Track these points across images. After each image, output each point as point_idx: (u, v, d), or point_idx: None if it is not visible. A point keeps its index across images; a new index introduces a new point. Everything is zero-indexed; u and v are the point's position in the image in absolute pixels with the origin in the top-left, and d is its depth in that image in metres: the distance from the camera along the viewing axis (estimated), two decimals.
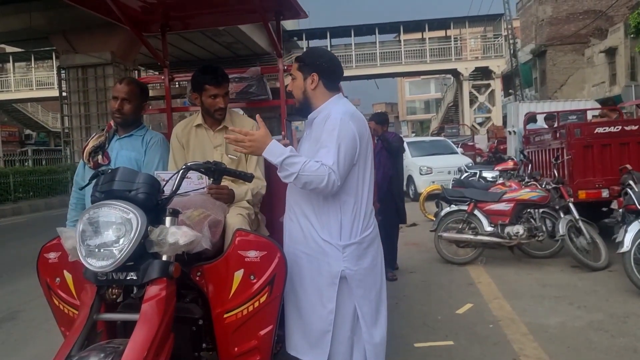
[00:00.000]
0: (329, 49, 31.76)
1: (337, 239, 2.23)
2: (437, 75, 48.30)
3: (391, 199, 5.47)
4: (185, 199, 2.27)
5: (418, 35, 33.73)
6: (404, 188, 11.67)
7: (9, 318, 4.81)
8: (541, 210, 5.97)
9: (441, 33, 33.29)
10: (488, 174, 10.30)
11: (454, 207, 6.16)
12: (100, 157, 2.91)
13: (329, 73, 2.31)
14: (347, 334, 2.26)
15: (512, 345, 3.57)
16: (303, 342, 2.30)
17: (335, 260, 2.22)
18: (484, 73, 32.16)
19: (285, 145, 2.22)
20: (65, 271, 2.21)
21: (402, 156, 5.94)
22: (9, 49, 29.76)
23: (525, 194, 5.94)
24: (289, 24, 29.05)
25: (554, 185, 6.01)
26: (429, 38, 32.31)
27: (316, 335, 2.26)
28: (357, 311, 2.26)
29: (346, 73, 31.16)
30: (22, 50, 28.41)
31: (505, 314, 4.22)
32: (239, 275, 2.06)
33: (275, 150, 2.10)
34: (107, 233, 1.82)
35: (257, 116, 2.29)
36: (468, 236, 5.94)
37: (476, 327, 3.95)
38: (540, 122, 10.58)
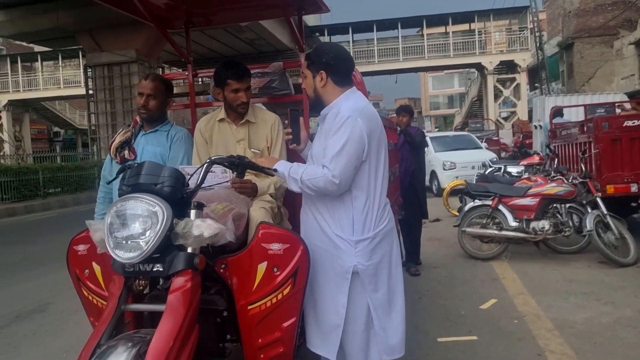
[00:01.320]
0: (350, 44, 31.76)
1: (349, 234, 2.24)
2: (461, 70, 47.71)
3: (414, 193, 5.45)
4: (210, 193, 2.31)
5: (441, 29, 33.34)
6: (427, 183, 11.64)
7: (39, 310, 4.94)
8: (568, 205, 5.87)
9: (465, 27, 32.86)
10: (513, 169, 10.16)
11: (477, 202, 6.11)
12: (126, 152, 2.97)
13: (337, 69, 2.29)
14: (360, 328, 2.26)
15: (537, 340, 3.53)
16: (318, 336, 2.32)
17: (347, 255, 2.23)
18: (509, 67, 31.66)
19: (303, 138, 2.37)
20: (94, 263, 2.26)
21: (424, 150, 5.91)
22: (38, 48, 30.44)
23: (551, 188, 5.85)
24: (310, 20, 29.02)
25: (581, 180, 5.90)
26: (453, 32, 31.90)
27: (327, 329, 2.27)
28: (370, 306, 2.26)
29: (368, 68, 31.20)
30: (50, 49, 29.02)
31: (530, 309, 4.17)
32: (262, 267, 2.09)
33: (282, 165, 2.29)
34: (134, 225, 1.87)
35: (301, 119, 2.43)
36: (492, 231, 5.88)
37: (500, 322, 3.92)
38: (567, 116, 10.39)
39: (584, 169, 6.10)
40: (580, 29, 27.20)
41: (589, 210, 5.64)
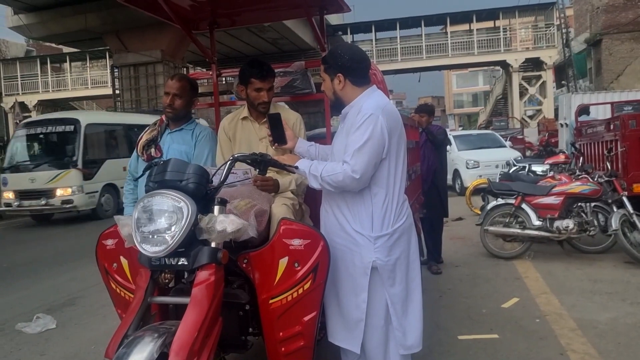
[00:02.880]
0: (373, 42, 31.65)
1: (368, 230, 2.27)
2: (486, 67, 47.12)
3: (436, 192, 5.45)
4: (233, 189, 2.37)
5: (465, 27, 32.95)
6: (450, 182, 11.56)
7: (68, 303, 5.09)
8: (593, 204, 5.78)
9: (489, 24, 32.42)
10: (538, 168, 10.04)
11: (500, 201, 6.06)
12: (153, 150, 3.06)
13: (353, 71, 2.32)
14: (380, 322, 2.31)
15: (559, 340, 3.51)
16: (340, 329, 2.36)
17: (366, 251, 2.26)
18: (534, 64, 31.14)
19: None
20: (121, 257, 2.34)
21: (446, 149, 5.89)
22: (66, 49, 31.12)
23: (576, 187, 5.77)
24: (333, 19, 29.01)
25: (606, 179, 5.80)
26: (477, 29, 31.52)
27: (351, 323, 2.31)
28: (388, 301, 2.30)
29: (391, 67, 31.05)
30: (78, 50, 29.67)
31: (553, 309, 4.14)
32: (283, 262, 2.13)
33: (302, 164, 2.33)
34: (160, 220, 1.93)
35: (282, 119, 2.48)
36: (515, 230, 5.83)
37: (522, 321, 3.90)
38: (594, 114, 10.21)
39: (609, 167, 6.01)
40: (609, 24, 26.61)
41: (615, 209, 5.55)
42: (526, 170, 10.12)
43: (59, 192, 11.14)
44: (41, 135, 12.24)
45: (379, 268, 2.27)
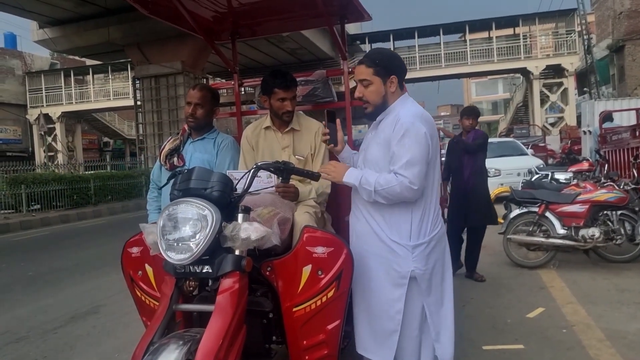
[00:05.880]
0: None
1: (406, 239, 2.25)
2: (505, 75, 46.72)
3: (476, 198, 5.34)
4: (256, 197, 2.37)
5: (484, 35, 32.75)
6: None
7: (92, 312, 5.14)
8: (619, 212, 5.67)
9: (509, 31, 32.16)
10: (561, 176, 9.90)
11: (523, 209, 5.98)
12: (175, 159, 3.09)
13: (402, 72, 2.33)
14: (414, 332, 2.28)
15: (587, 350, 3.43)
16: (371, 341, 2.33)
17: (404, 260, 2.24)
18: (556, 71, 30.76)
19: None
20: (146, 264, 2.36)
21: (485, 153, 5.66)
22: (89, 62, 31.76)
23: (602, 195, 5.67)
24: (351, 29, 29.13)
25: (633, 186, 5.70)
26: (496, 37, 31.30)
27: (384, 335, 2.29)
28: (425, 310, 2.27)
29: (410, 75, 30.82)
30: (101, 62, 30.26)
31: (579, 318, 4.05)
32: (307, 270, 2.13)
33: (352, 174, 2.26)
34: (184, 228, 1.95)
35: (337, 121, 2.37)
36: (539, 239, 5.73)
37: (548, 331, 3.82)
38: (618, 121, 10.05)
39: (636, 174, 5.90)
40: (632, 30, 26.18)
41: None
42: (549, 178, 9.99)
43: None
44: None
45: (418, 277, 2.25)
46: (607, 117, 9.33)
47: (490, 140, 6.18)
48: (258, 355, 2.33)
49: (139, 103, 19.85)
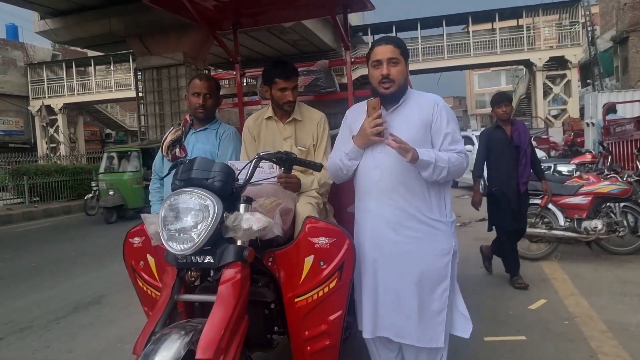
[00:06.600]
0: None
1: (445, 216, 2.34)
2: (508, 67, 46.51)
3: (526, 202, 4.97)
4: (258, 188, 2.36)
5: (488, 26, 32.54)
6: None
7: (95, 302, 5.16)
8: (622, 204, 5.65)
9: (512, 22, 31.95)
10: (563, 168, 9.87)
11: None
12: (177, 150, 3.08)
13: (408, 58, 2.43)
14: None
15: (589, 342, 3.43)
16: (413, 328, 2.27)
17: (446, 236, 2.32)
18: (559, 63, 30.58)
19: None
20: (148, 255, 2.36)
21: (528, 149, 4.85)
22: (91, 53, 31.67)
23: (605, 187, 5.65)
24: (353, 20, 28.92)
25: (636, 178, 5.67)
26: (500, 28, 31.10)
27: (429, 317, 2.27)
28: (457, 285, 2.39)
29: (412, 67, 30.75)
30: (102, 54, 30.14)
31: (581, 310, 4.05)
32: (309, 261, 2.12)
33: (425, 152, 2.21)
34: (186, 218, 1.94)
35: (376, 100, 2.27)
36: (541, 231, 5.72)
37: (550, 323, 3.82)
38: (621, 113, 10.00)
39: (639, 166, 5.86)
40: (636, 22, 26.00)
41: None
42: (551, 170, 9.95)
43: None
44: None
45: (455, 252, 2.34)
46: (610, 108, 9.28)
47: None
48: (260, 346, 2.34)
49: (140, 94, 19.79)
